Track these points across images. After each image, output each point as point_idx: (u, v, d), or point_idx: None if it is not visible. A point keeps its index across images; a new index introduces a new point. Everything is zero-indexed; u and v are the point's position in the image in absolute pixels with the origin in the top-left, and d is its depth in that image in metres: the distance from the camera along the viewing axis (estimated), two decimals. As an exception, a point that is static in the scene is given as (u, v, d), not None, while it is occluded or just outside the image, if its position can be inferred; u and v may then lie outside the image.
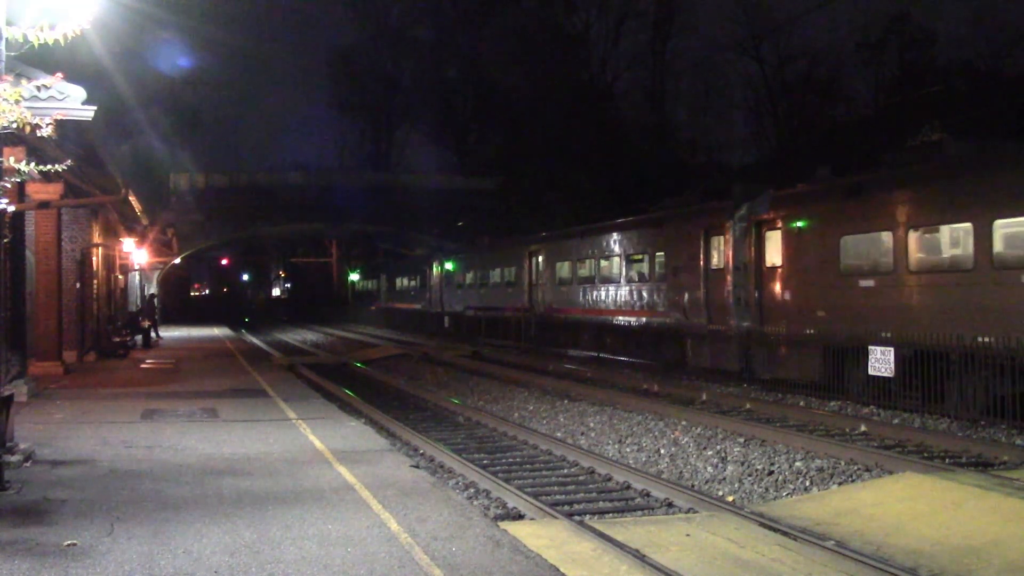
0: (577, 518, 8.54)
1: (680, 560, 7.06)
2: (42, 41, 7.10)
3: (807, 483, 10.39)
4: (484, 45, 61.07)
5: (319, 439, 11.41)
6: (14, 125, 7.55)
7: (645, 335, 24.01)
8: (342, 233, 67.42)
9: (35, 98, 9.26)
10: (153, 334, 31.81)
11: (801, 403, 16.45)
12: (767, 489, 10.27)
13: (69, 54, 8.34)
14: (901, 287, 15.55)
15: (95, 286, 25.82)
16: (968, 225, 14.24)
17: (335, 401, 16.89)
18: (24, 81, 7.91)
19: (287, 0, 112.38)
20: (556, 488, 10.30)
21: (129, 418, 13.26)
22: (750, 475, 10.85)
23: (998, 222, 13.66)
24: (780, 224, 18.69)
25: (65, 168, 9.36)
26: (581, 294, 28.19)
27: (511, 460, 12.06)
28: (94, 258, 25.41)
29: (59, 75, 8.47)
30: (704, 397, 17.31)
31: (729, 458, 11.74)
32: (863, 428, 13.44)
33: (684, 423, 14.39)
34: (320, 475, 9.26)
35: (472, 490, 10.08)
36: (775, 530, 7.91)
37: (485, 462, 11.64)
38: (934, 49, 49.73)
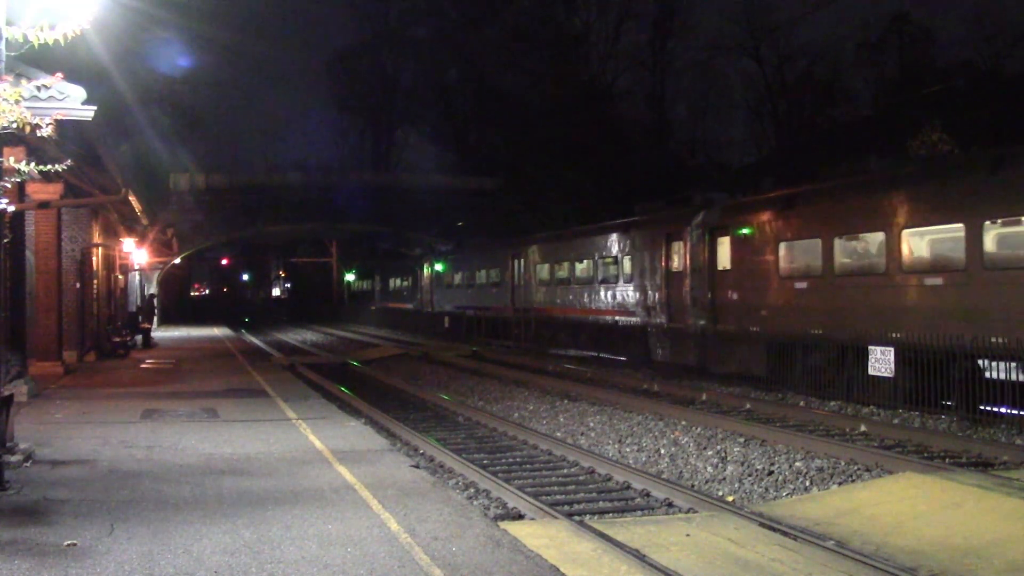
0: (577, 518, 8.54)
1: (680, 560, 7.06)
2: (42, 41, 7.10)
3: (807, 483, 10.39)
4: (484, 45, 61.06)
5: (319, 439, 11.41)
6: (14, 125, 7.55)
7: (615, 333, 25.30)
8: (342, 233, 67.39)
9: (35, 98, 9.25)
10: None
11: (801, 403, 16.46)
12: (767, 489, 10.27)
13: (69, 54, 8.34)
14: (829, 289, 17.22)
15: (95, 286, 25.82)
16: (881, 235, 16.14)
17: (335, 401, 16.90)
18: (24, 81, 7.91)
19: (287, 0, 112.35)
20: (556, 488, 10.31)
21: (129, 418, 13.26)
22: (750, 475, 10.86)
23: (904, 232, 15.58)
24: (729, 231, 20.35)
25: (65, 168, 9.36)
26: (559, 295, 29.66)
27: (511, 460, 12.06)
28: (94, 258, 25.41)
29: (59, 75, 8.46)
30: (704, 397, 17.31)
31: (729, 458, 11.74)
32: (863, 428, 13.44)
33: (684, 423, 14.39)
34: (320, 475, 9.26)
35: (472, 490, 10.08)
36: (775, 530, 7.91)
37: (485, 462, 11.65)
38: (934, 49, 49.77)
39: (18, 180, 10.01)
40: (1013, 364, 12.98)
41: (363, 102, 69.72)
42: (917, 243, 15.78)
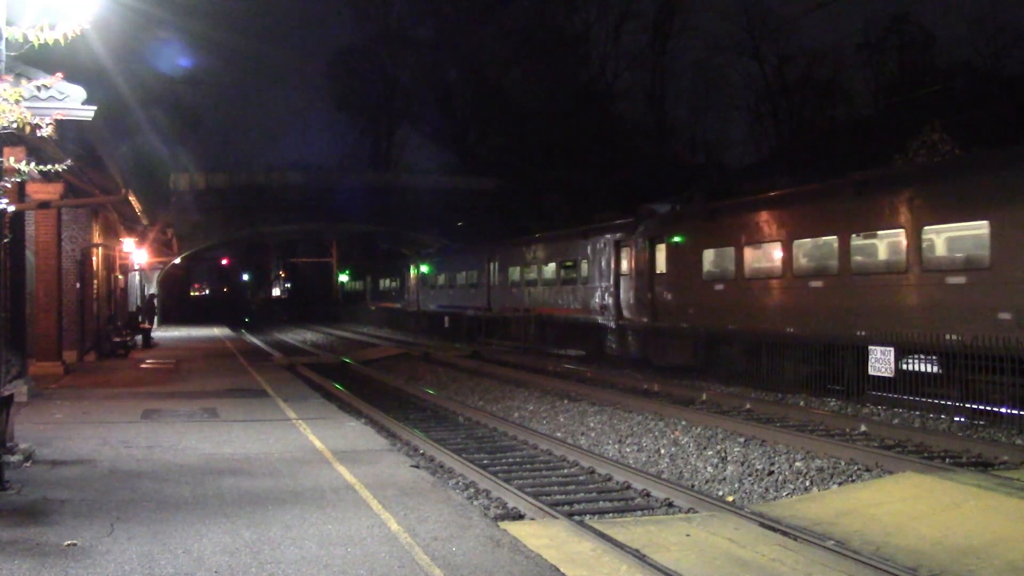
0: (577, 518, 8.54)
1: (680, 560, 7.06)
2: (42, 41, 7.09)
3: (807, 483, 10.39)
4: (484, 45, 61.08)
5: (319, 439, 11.41)
6: (14, 125, 7.55)
7: (576, 330, 27.91)
8: (342, 233, 67.42)
9: (35, 98, 9.25)
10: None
11: (801, 403, 16.47)
12: (767, 489, 10.27)
13: (69, 54, 8.33)
14: (741, 290, 19.87)
15: (95, 286, 25.81)
16: (779, 244, 18.85)
17: (335, 401, 16.90)
18: (24, 81, 7.91)
19: (287, 0, 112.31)
20: (556, 488, 10.30)
21: (129, 418, 13.26)
22: (750, 475, 10.86)
23: (796, 242, 18.32)
24: (664, 239, 23.02)
25: (65, 168, 9.35)
26: (529, 295, 32.22)
27: (511, 460, 12.06)
28: (94, 258, 25.41)
29: (59, 75, 8.46)
30: (704, 397, 17.32)
31: (729, 458, 11.74)
32: (863, 428, 13.44)
33: (684, 423, 14.39)
34: (320, 475, 9.26)
35: (472, 490, 10.08)
36: (775, 530, 7.90)
37: (485, 462, 11.65)
38: (934, 49, 49.78)
39: (18, 180, 10.03)
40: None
41: (363, 102, 69.74)
42: (806, 251, 18.34)
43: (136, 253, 33.27)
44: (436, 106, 67.56)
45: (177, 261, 52.07)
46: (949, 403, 14.27)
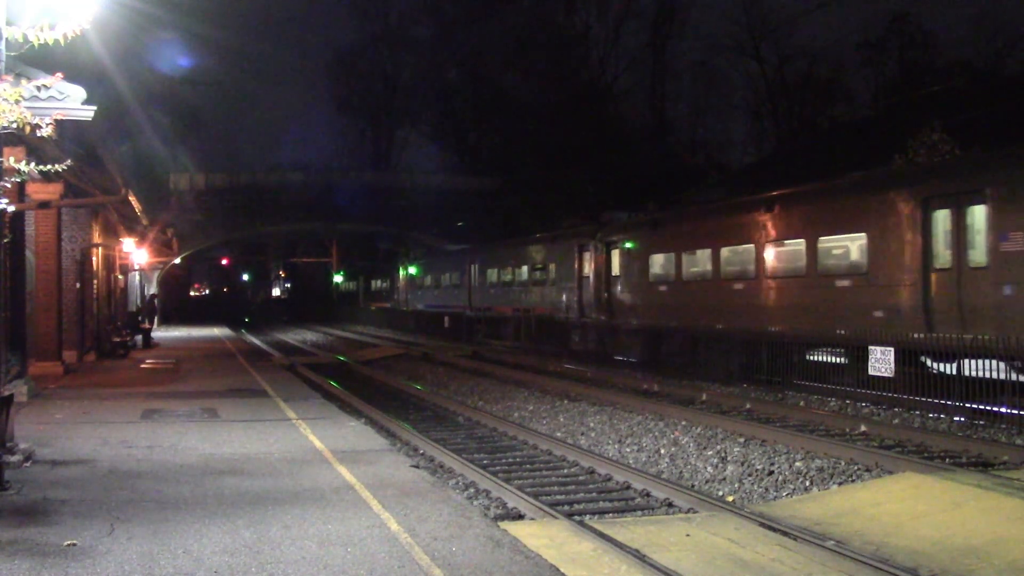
0: (577, 518, 8.53)
1: (680, 560, 7.06)
2: (42, 41, 7.09)
3: (807, 483, 10.38)
4: (484, 45, 61.07)
5: (319, 439, 11.41)
6: (14, 125, 7.55)
7: (544, 326, 30.69)
8: (342, 233, 67.42)
9: (35, 98, 9.25)
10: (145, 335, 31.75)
11: (801, 403, 16.47)
12: (767, 489, 10.27)
13: (69, 54, 8.34)
14: (681, 292, 22.65)
15: (95, 286, 25.81)
16: (709, 251, 21.42)
17: (335, 401, 16.90)
18: (24, 81, 7.91)
19: (287, 0, 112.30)
20: (556, 488, 10.30)
21: (129, 418, 13.26)
22: (750, 475, 10.85)
23: (723, 250, 20.91)
24: (618, 245, 25.68)
25: (65, 168, 9.36)
26: (504, 295, 35.28)
27: (511, 460, 12.05)
28: (94, 258, 25.41)
29: (59, 75, 8.45)
30: (704, 397, 17.32)
31: (729, 458, 11.74)
32: (863, 428, 13.44)
33: (684, 423, 14.39)
34: (320, 475, 9.25)
35: (472, 490, 10.08)
36: (775, 530, 7.90)
37: (485, 462, 11.64)
38: (934, 49, 49.78)
39: (18, 180, 10.01)
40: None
41: (363, 102, 69.74)
42: (729, 258, 20.65)
43: (136, 253, 33.27)
44: (436, 106, 67.56)
45: (177, 261, 52.09)
46: (949, 403, 14.28)
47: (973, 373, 13.97)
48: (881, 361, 15.28)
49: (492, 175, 54.75)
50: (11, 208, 9.60)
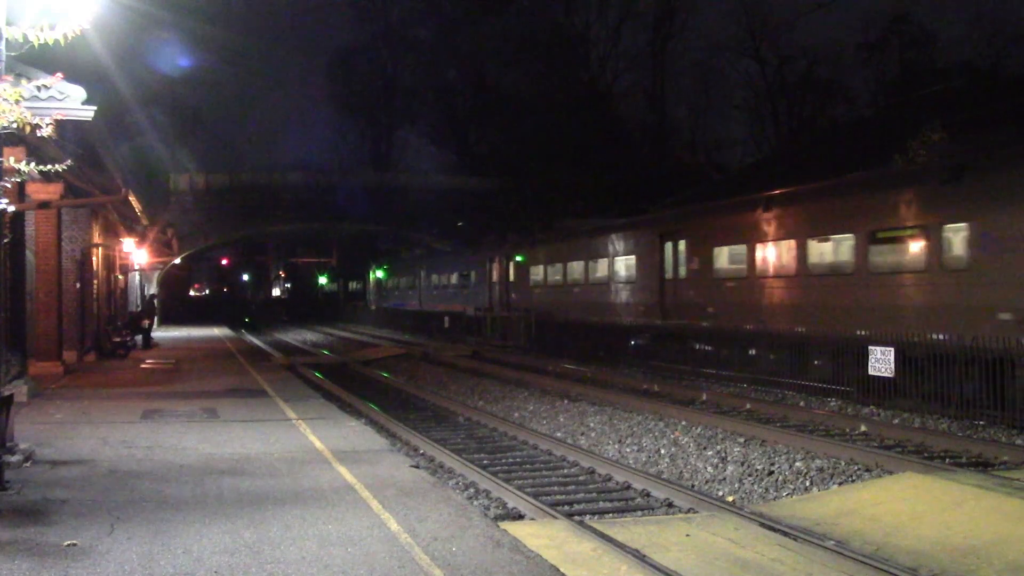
0: (577, 518, 8.54)
1: (680, 560, 7.06)
2: (42, 41, 7.09)
3: (807, 483, 10.38)
4: (484, 45, 61.03)
5: (319, 439, 11.41)
6: (14, 125, 7.54)
7: (471, 321, 37.61)
8: (342, 233, 67.43)
9: (35, 98, 9.25)
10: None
11: (801, 403, 16.47)
12: (767, 489, 10.27)
13: (69, 54, 8.32)
14: (546, 293, 31.39)
15: (95, 286, 25.81)
16: (561, 265, 30.43)
17: (335, 401, 16.90)
18: (24, 81, 7.91)
19: (287, 0, 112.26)
20: (556, 488, 10.30)
21: (129, 418, 13.26)
22: (750, 475, 10.85)
23: (569, 263, 29.05)
24: (512, 259, 34.75)
25: (65, 168, 9.35)
26: (442, 296, 44.34)
27: (511, 460, 12.05)
28: (94, 258, 25.40)
29: (59, 75, 8.45)
30: (704, 397, 17.31)
31: (729, 458, 11.74)
32: (863, 428, 13.44)
33: (684, 423, 14.39)
34: (320, 475, 9.25)
35: (472, 490, 10.08)
36: (775, 530, 7.90)
37: (485, 462, 11.64)
38: (934, 49, 49.75)
39: (18, 180, 10.01)
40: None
41: (363, 102, 69.68)
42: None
43: (136, 253, 33.25)
44: (436, 106, 67.51)
45: (177, 261, 52.04)
46: (949, 403, 14.28)
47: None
48: (881, 361, 15.27)
49: (492, 175, 54.71)
50: (11, 208, 9.58)
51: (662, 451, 12.50)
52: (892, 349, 15.10)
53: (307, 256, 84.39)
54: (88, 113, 11.16)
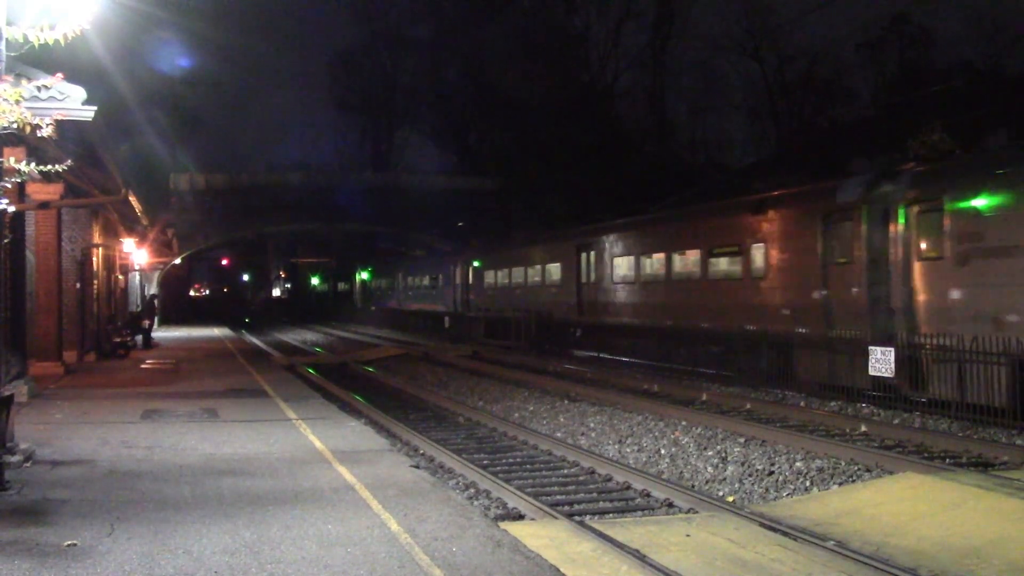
0: (577, 518, 8.53)
1: (680, 560, 7.06)
2: (42, 41, 7.09)
3: (807, 483, 10.39)
4: (484, 45, 60.99)
5: (319, 439, 11.41)
6: (14, 125, 7.54)
7: (437, 318, 43.21)
8: (342, 233, 67.42)
9: (35, 98, 9.24)
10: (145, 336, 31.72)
11: (801, 403, 16.47)
12: (767, 489, 10.27)
13: (69, 54, 8.32)
14: (498, 294, 36.23)
15: (95, 286, 25.81)
16: (508, 270, 35.82)
17: (335, 401, 16.89)
18: (24, 81, 7.90)
19: (287, 0, 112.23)
20: (556, 488, 10.30)
21: (129, 418, 13.26)
22: (750, 475, 10.85)
23: (512, 269, 35.04)
24: (471, 264, 39.63)
25: (65, 168, 9.34)
26: (416, 297, 49.65)
27: (511, 460, 12.06)
28: (94, 258, 25.40)
29: (59, 75, 8.44)
30: (704, 397, 17.32)
31: (729, 458, 11.74)
32: (863, 428, 13.45)
33: (684, 423, 14.39)
34: (320, 475, 9.26)
35: (472, 490, 10.08)
36: (775, 530, 7.90)
37: (485, 462, 11.64)
38: (934, 49, 49.74)
39: (18, 180, 10.00)
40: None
41: (363, 102, 69.61)
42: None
43: (136, 253, 33.27)
44: (436, 106, 67.47)
45: (177, 261, 52.03)
46: (949, 403, 14.29)
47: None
48: (881, 361, 15.29)
49: (492, 175, 54.71)
50: (11, 208, 9.59)
51: (662, 451, 12.50)
52: (892, 350, 15.14)
53: (307, 256, 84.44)
54: (88, 113, 11.16)
